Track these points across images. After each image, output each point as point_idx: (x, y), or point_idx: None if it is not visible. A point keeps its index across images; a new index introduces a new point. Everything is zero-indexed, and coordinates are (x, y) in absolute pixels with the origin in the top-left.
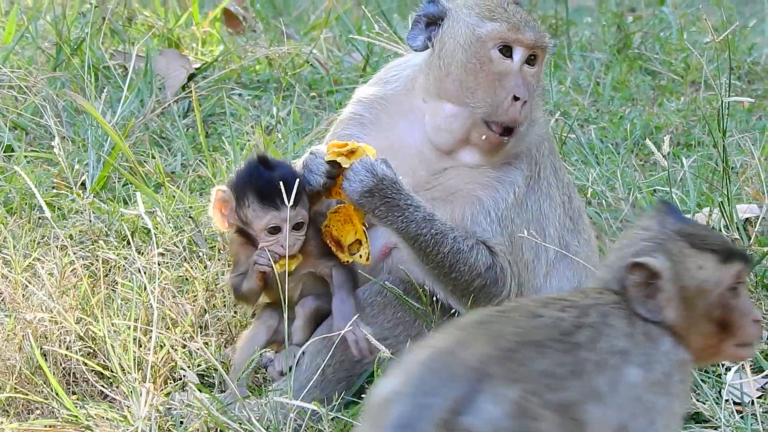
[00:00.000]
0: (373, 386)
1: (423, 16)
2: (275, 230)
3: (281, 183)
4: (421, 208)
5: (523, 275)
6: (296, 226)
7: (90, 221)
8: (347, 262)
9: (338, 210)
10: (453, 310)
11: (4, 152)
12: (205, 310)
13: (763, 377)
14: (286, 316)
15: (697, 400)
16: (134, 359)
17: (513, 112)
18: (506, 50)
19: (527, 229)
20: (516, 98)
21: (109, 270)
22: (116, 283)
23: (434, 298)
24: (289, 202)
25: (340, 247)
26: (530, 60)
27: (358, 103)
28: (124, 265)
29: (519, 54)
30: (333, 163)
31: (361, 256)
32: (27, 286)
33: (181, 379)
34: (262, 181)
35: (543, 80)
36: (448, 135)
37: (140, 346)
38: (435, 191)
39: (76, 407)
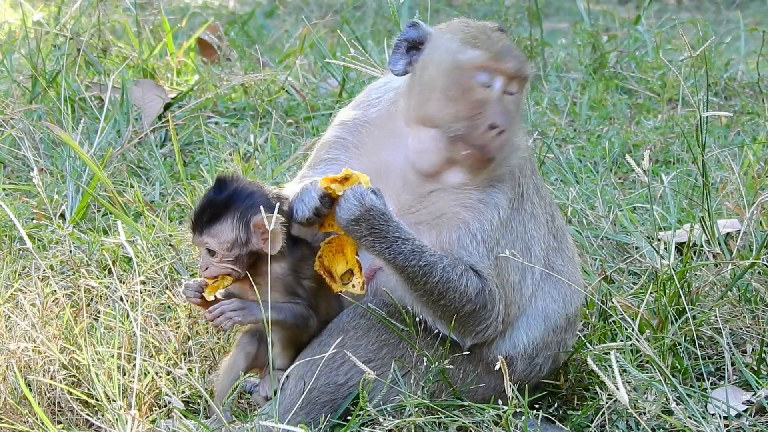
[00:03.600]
0: (358, 409)
1: (404, 41)
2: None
3: (207, 207)
4: (409, 240)
5: (510, 297)
6: (210, 252)
7: (70, 251)
8: (340, 292)
9: (331, 240)
10: (437, 332)
11: None
12: (188, 336)
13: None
14: (269, 340)
15: (685, 416)
16: (119, 387)
17: (487, 139)
18: (487, 78)
19: (512, 250)
20: (493, 126)
21: (91, 299)
22: (99, 312)
23: (418, 320)
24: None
25: (332, 277)
26: (511, 87)
27: (341, 126)
28: (106, 294)
29: (499, 82)
30: (324, 200)
31: (354, 285)
32: (9, 316)
33: (166, 405)
34: (200, 202)
35: (524, 105)
36: (432, 156)
37: (124, 374)
38: (420, 215)
39: None
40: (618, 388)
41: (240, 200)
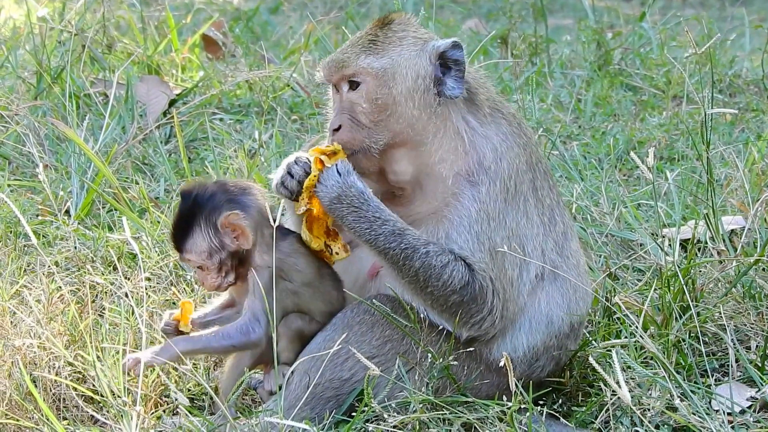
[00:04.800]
0: (363, 405)
1: None
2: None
3: (177, 223)
4: (390, 222)
5: (508, 292)
6: (200, 266)
7: (75, 247)
8: (333, 262)
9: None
10: (441, 327)
11: None
12: None
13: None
14: (275, 335)
15: (689, 412)
16: (124, 383)
17: (332, 140)
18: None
19: (507, 245)
20: (330, 131)
21: (96, 295)
22: (104, 308)
23: (422, 316)
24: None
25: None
26: (352, 86)
27: None
28: (111, 290)
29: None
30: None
31: (337, 253)
32: (15, 313)
33: (171, 402)
34: (172, 221)
35: (378, 97)
36: None
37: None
38: (412, 210)
39: None
40: (620, 387)
41: (202, 206)
